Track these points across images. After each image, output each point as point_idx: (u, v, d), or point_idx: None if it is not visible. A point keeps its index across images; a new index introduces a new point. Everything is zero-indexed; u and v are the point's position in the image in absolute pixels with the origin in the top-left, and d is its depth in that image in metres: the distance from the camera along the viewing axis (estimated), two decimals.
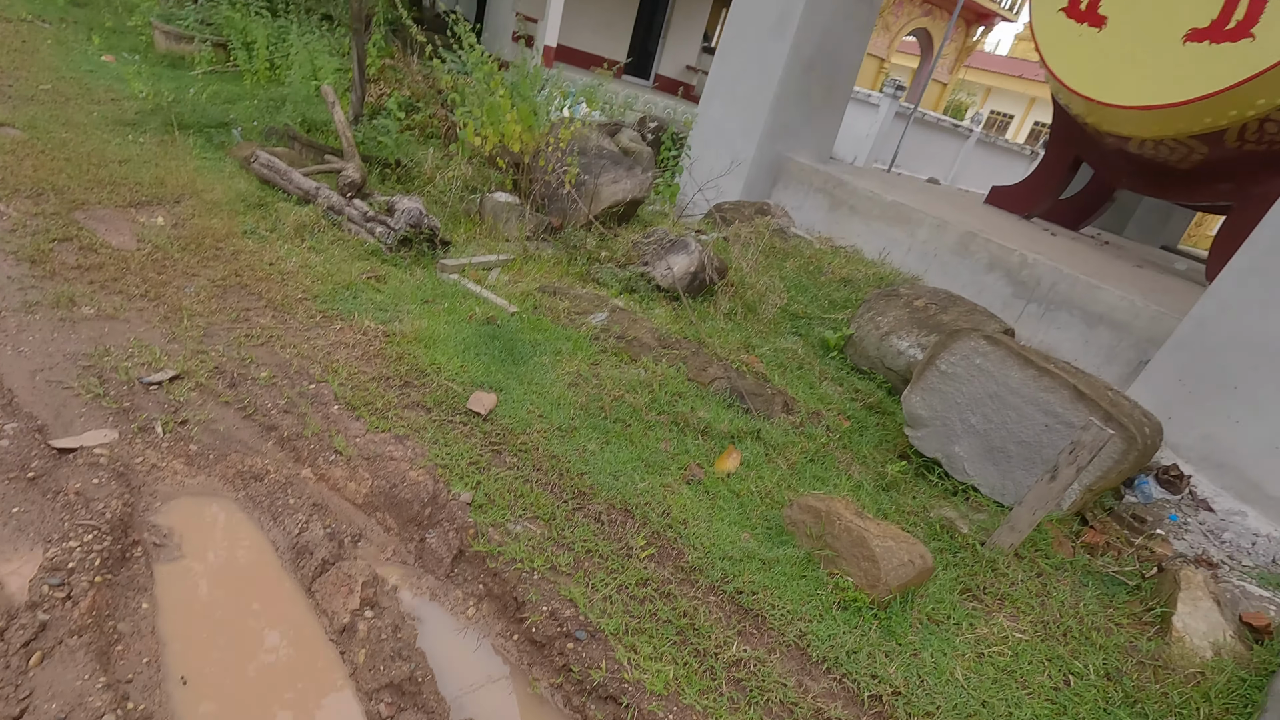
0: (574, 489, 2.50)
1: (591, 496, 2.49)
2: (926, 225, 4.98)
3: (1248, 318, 3.29)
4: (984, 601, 2.44)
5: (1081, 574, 2.65)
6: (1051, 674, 2.16)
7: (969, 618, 2.33)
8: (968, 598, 2.46)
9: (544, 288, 4.02)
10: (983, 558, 2.60)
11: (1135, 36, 4.80)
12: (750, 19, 5.71)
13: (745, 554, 2.37)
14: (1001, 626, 2.32)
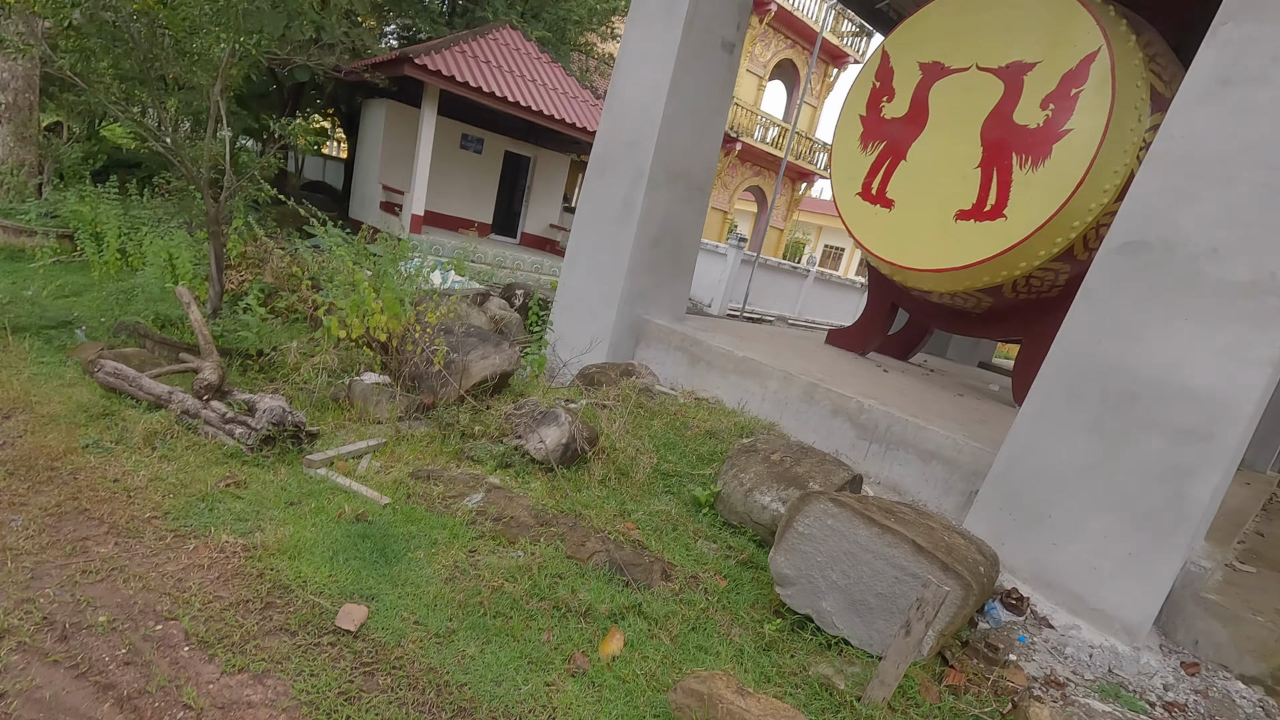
0: (454, 705, 2.38)
1: (473, 712, 2.37)
2: (775, 377, 5.39)
3: (1044, 455, 3.76)
4: None
5: (950, 718, 2.77)
6: None
7: None
8: None
9: (417, 472, 3.95)
10: (861, 714, 2.67)
11: (918, 215, 5.65)
12: (598, 205, 6.23)
13: None
14: None
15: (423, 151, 11.84)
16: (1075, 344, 3.70)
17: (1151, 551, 3.45)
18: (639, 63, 5.89)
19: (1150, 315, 3.44)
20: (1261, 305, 3.13)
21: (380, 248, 5.61)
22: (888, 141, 5.88)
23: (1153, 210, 3.43)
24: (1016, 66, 5.12)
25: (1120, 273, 3.53)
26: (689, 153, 6.03)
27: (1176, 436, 3.37)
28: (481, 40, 12.48)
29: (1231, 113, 3.20)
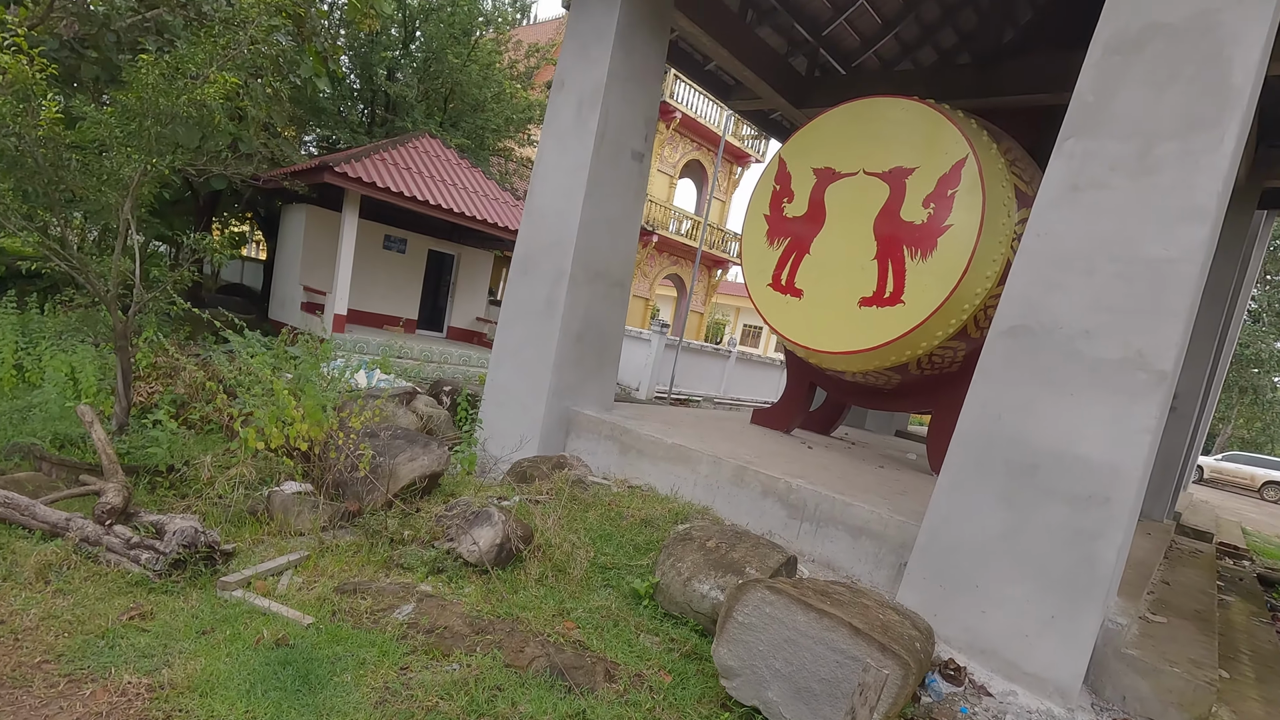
0: None
1: None
2: (705, 462, 5.42)
3: (963, 526, 3.89)
4: None
5: None
6: None
7: None
8: None
9: (343, 586, 3.70)
10: None
11: (825, 303, 5.97)
12: (523, 303, 6.30)
13: None
14: None
15: (344, 254, 11.73)
16: (978, 421, 3.91)
17: (1071, 613, 3.57)
18: (555, 172, 6.12)
19: (1040, 392, 3.69)
20: (1133, 379, 3.42)
21: (301, 350, 5.43)
22: (791, 237, 6.25)
23: (1030, 298, 3.74)
24: (898, 171, 5.61)
25: (1009, 354, 3.80)
26: (607, 252, 6.22)
27: (1078, 503, 3.56)
28: (401, 148, 12.70)
29: (1083, 213, 3.59)
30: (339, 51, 12.82)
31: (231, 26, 6.69)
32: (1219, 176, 3.24)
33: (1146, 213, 3.41)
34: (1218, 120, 3.24)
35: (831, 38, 8.46)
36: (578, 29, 6.05)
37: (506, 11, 17.78)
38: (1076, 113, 3.63)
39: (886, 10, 8.22)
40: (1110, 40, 3.55)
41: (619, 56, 5.80)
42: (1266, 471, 28.98)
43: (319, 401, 4.65)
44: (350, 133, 15.21)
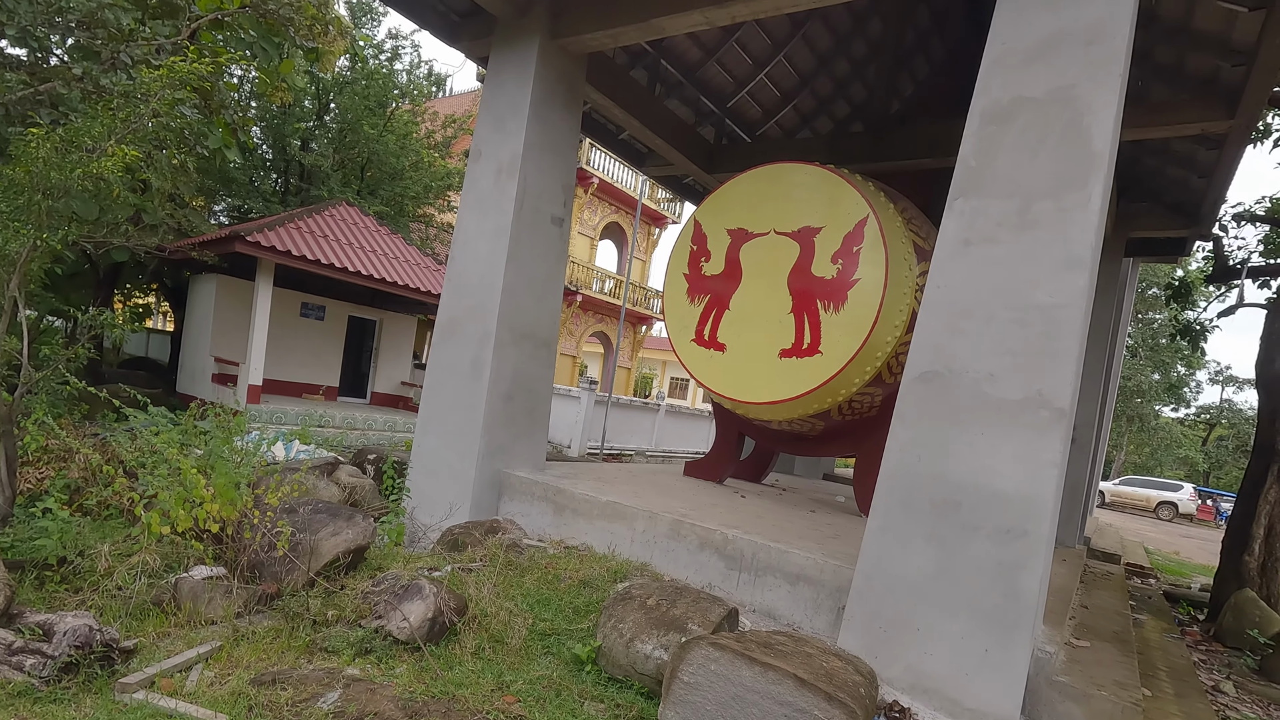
0: None
1: None
2: (641, 518, 5.36)
3: (895, 566, 3.96)
4: None
5: None
6: None
7: None
8: None
9: (260, 677, 3.39)
10: None
11: (748, 356, 6.12)
12: (448, 367, 6.18)
13: None
14: None
15: (259, 322, 11.23)
16: (900, 463, 4.04)
17: (1003, 646, 3.64)
18: (476, 237, 6.12)
19: (954, 432, 3.85)
20: (1037, 417, 3.62)
21: (212, 424, 5.09)
22: (711, 294, 6.42)
23: (937, 345, 3.94)
24: (807, 230, 5.90)
25: (923, 399, 3.97)
26: (533, 313, 6.20)
27: (999, 536, 3.69)
28: (317, 216, 12.43)
29: (977, 265, 3.85)
30: (249, 123, 12.56)
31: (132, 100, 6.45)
32: (1090, 229, 3.55)
33: (1032, 263, 3.69)
34: (1085, 181, 3.58)
35: (735, 109, 8.94)
36: (493, 103, 6.16)
37: (421, 84, 17.96)
38: (962, 175, 3.93)
39: (784, 84, 8.78)
40: (985, 111, 3.89)
41: (534, 128, 5.92)
42: (1159, 493, 31.17)
43: (231, 479, 4.35)
44: (263, 202, 14.81)
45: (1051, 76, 3.71)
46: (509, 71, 6.08)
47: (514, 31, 6.06)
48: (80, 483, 5.00)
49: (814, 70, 8.71)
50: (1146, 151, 7.72)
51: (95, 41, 7.97)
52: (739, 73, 8.46)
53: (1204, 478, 41.37)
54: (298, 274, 12.01)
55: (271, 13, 8.53)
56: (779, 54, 8.25)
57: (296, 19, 8.66)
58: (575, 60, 6.27)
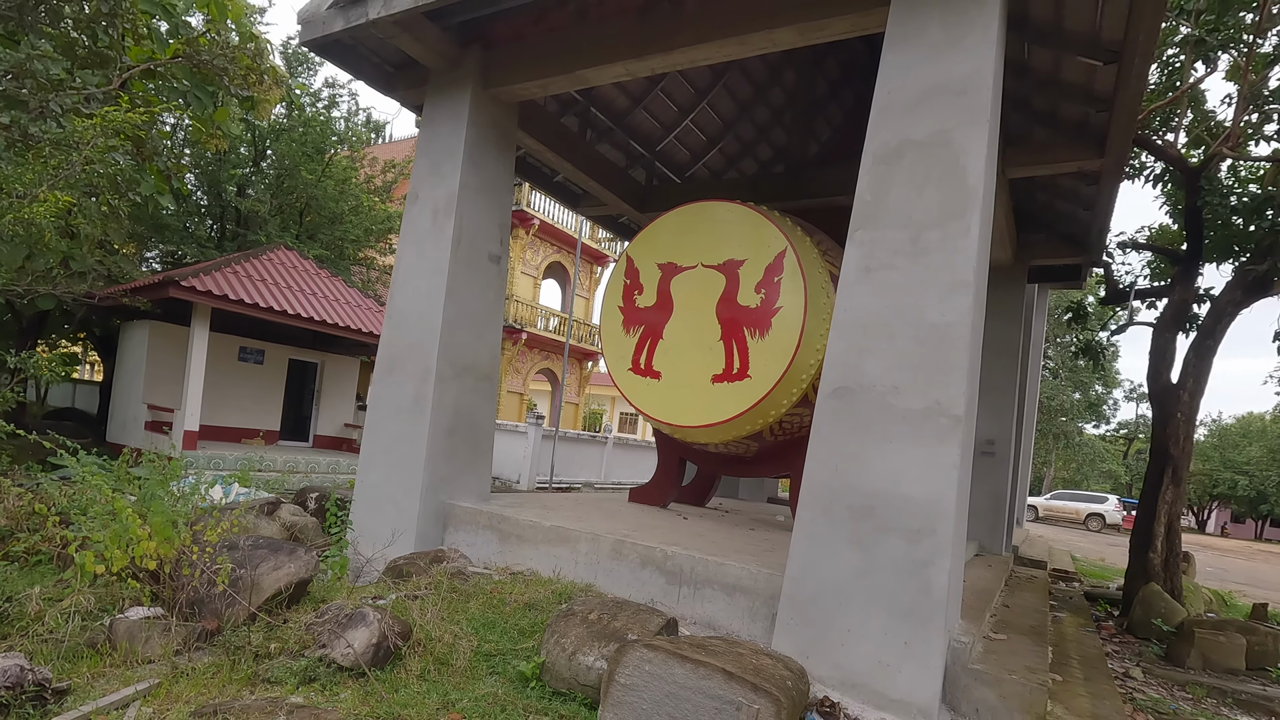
0: None
1: None
2: (584, 540, 5.50)
3: (821, 570, 4.21)
4: None
5: None
6: None
7: None
8: None
9: (200, 710, 3.37)
10: None
11: (682, 382, 6.41)
12: (390, 402, 6.26)
13: None
14: None
15: (194, 368, 10.99)
16: (819, 473, 4.33)
17: (920, 638, 3.91)
18: (415, 276, 6.28)
19: (866, 442, 4.17)
20: (937, 425, 3.97)
21: (147, 469, 5.04)
22: (645, 325, 6.71)
23: (847, 363, 4.29)
24: (731, 263, 6.27)
25: (836, 412, 4.29)
26: (473, 348, 6.35)
27: (910, 536, 3.99)
28: (255, 260, 12.34)
29: (878, 290, 4.23)
30: (183, 169, 12.46)
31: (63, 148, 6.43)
32: (972, 255, 3.97)
33: (925, 287, 4.08)
34: (964, 212, 4.01)
35: (665, 152, 9.39)
36: (429, 149, 6.39)
37: (360, 131, 18.08)
38: (860, 209, 4.34)
39: (710, 129, 9.30)
40: (877, 152, 4.32)
41: (469, 171, 6.16)
42: (1087, 505, 32.69)
43: (168, 517, 4.32)
44: (199, 247, 14.55)
45: (931, 122, 4.17)
46: (443, 119, 6.33)
47: (447, 81, 6.33)
48: (7, 530, 4.85)
49: (736, 116, 9.26)
50: (1037, 188, 8.44)
51: (22, 90, 7.91)
52: (666, 119, 8.93)
53: (1127, 489, 43.68)
54: (235, 318, 11.84)
55: (205, 63, 8.60)
56: (702, 101, 8.76)
57: (231, 69, 8.75)
58: (507, 108, 6.57)
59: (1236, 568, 20.45)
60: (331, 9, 5.99)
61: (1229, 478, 45.43)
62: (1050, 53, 5.87)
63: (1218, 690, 5.59)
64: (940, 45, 4.17)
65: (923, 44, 4.22)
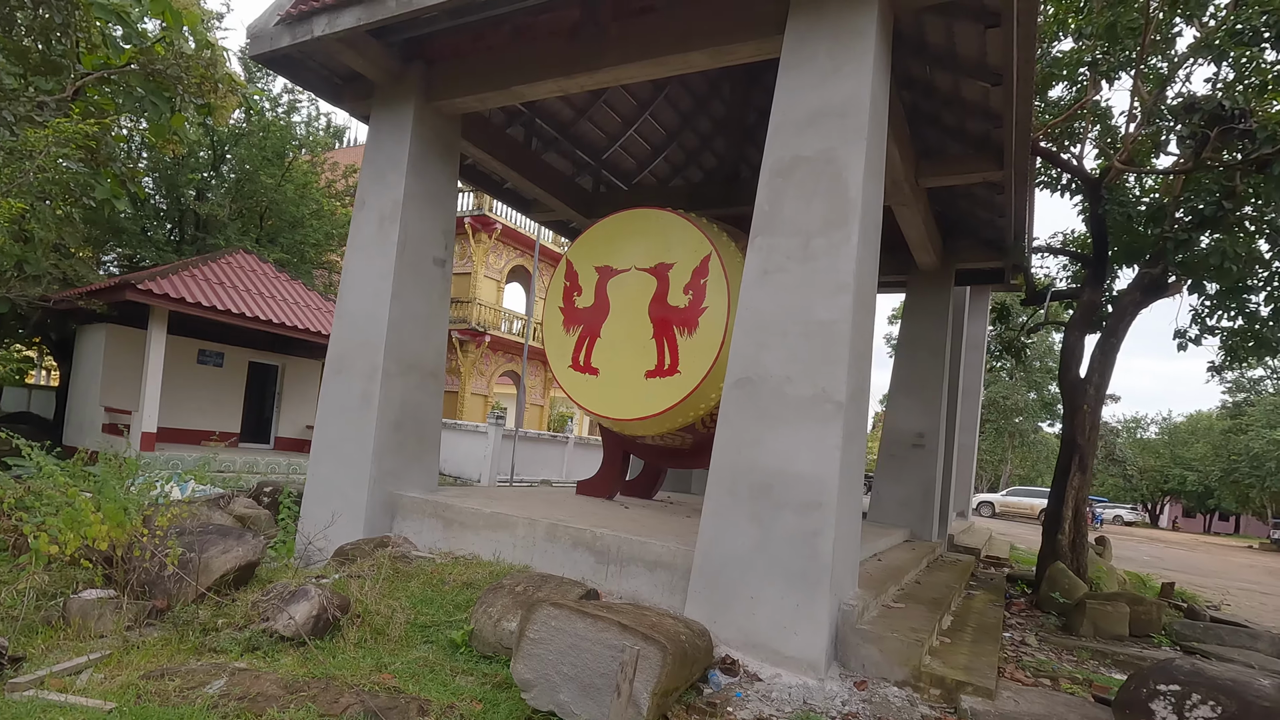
0: None
1: None
2: (522, 525, 5.91)
3: (726, 544, 4.66)
4: None
5: None
6: None
7: None
8: None
9: (149, 674, 3.72)
10: None
11: (618, 378, 6.85)
12: (339, 399, 6.60)
13: None
14: None
15: (152, 370, 11.15)
16: (725, 456, 4.80)
17: (809, 600, 4.38)
18: (362, 278, 6.63)
19: (764, 427, 4.65)
20: (822, 410, 4.46)
21: (102, 467, 5.32)
22: (584, 325, 7.15)
23: (748, 357, 4.77)
24: (662, 266, 6.74)
25: (739, 401, 4.77)
26: (419, 347, 6.73)
27: (801, 509, 4.47)
28: (213, 264, 12.52)
29: (774, 291, 4.72)
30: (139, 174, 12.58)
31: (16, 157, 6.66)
32: (852, 259, 4.47)
33: (813, 288, 4.58)
34: (846, 221, 4.52)
35: (611, 160, 9.85)
36: (374, 158, 6.77)
37: (320, 136, 18.26)
38: (759, 218, 4.83)
39: (654, 139, 9.77)
40: (772, 167, 4.82)
41: (413, 180, 6.55)
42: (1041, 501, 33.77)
43: (120, 504, 4.64)
44: (156, 251, 14.64)
45: (818, 140, 4.67)
46: (388, 130, 6.71)
47: (391, 95, 6.71)
48: None
49: (680, 127, 9.74)
50: (958, 196, 9.06)
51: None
52: (610, 129, 9.38)
53: None
54: (193, 321, 12.01)
55: (159, 71, 8.84)
56: (644, 113, 9.22)
57: (185, 77, 8.99)
58: (450, 120, 6.97)
59: (1175, 557, 21.48)
60: (279, 25, 6.33)
61: (1179, 474, 47.30)
62: (949, 75, 6.45)
63: (1100, 653, 6.17)
64: (826, 72, 4.68)
65: (811, 70, 4.73)
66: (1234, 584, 15.04)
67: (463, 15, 5.86)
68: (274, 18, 6.37)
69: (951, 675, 4.34)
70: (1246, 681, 3.42)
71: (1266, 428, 36.06)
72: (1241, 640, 6.64)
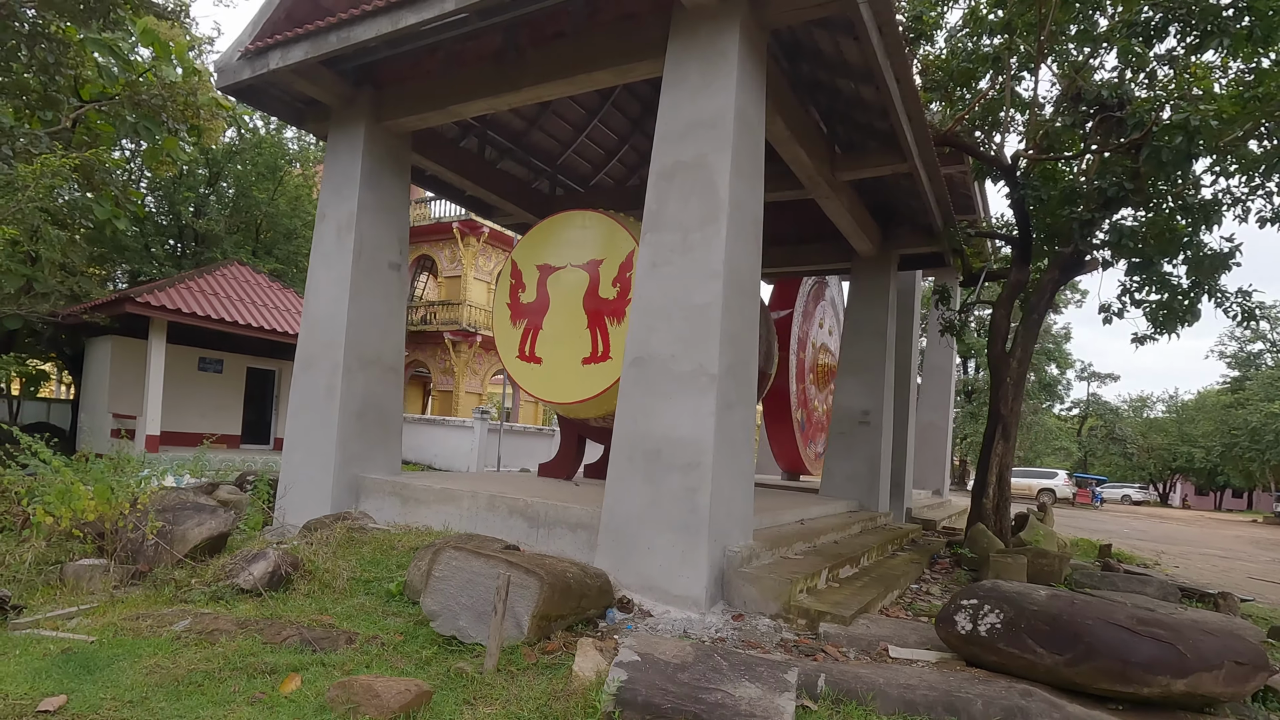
0: None
1: None
2: (466, 498, 6.64)
3: (627, 503, 5.34)
4: (475, 704, 3.58)
5: (541, 669, 3.98)
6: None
7: (461, 713, 3.44)
8: (466, 704, 3.56)
9: (128, 617, 4.49)
10: (477, 680, 3.78)
11: (560, 366, 7.56)
12: (307, 393, 7.36)
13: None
14: (482, 712, 3.47)
15: (153, 376, 12.02)
16: (624, 426, 5.50)
17: (692, 547, 5.07)
18: (324, 283, 7.39)
19: (654, 400, 5.34)
20: (698, 383, 5.14)
21: (103, 462, 6.10)
22: (528, 319, 7.87)
23: (640, 339, 5.46)
24: (593, 262, 7.43)
25: (635, 377, 5.46)
26: (378, 344, 7.48)
27: (684, 469, 5.16)
28: (209, 276, 13.37)
29: (661, 281, 5.40)
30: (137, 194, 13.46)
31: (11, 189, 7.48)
32: (721, 250, 5.14)
33: (691, 277, 5.26)
34: (716, 218, 5.19)
35: (566, 165, 10.56)
36: (332, 174, 7.52)
37: (311, 150, 19.11)
38: (648, 217, 5.52)
39: (607, 144, 10.46)
40: (658, 171, 5.50)
41: (366, 192, 7.29)
42: (1039, 481, 34.05)
43: (107, 484, 5.42)
44: (158, 266, 15.54)
45: (694, 148, 5.35)
46: (343, 148, 7.46)
47: (344, 116, 7.46)
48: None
49: (630, 131, 10.42)
50: (886, 188, 9.67)
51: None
52: (562, 136, 10.09)
53: (1083, 464, 45.38)
54: (192, 330, 12.86)
55: (144, 101, 9.66)
56: (593, 120, 9.92)
57: (169, 105, 9.81)
58: (400, 137, 7.71)
59: (1160, 530, 21.82)
60: (241, 59, 7.10)
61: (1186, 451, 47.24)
62: (847, 80, 7.09)
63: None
64: (697, 88, 5.35)
65: (686, 87, 5.40)
66: (1198, 550, 15.51)
67: (399, 45, 6.59)
68: (236, 53, 7.14)
69: (816, 608, 5.01)
70: (1026, 593, 4.07)
71: (1264, 401, 36.12)
72: (1133, 586, 7.24)
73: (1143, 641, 3.57)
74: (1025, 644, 3.82)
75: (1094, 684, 3.62)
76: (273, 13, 6.96)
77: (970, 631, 4.07)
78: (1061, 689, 3.73)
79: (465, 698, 3.60)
